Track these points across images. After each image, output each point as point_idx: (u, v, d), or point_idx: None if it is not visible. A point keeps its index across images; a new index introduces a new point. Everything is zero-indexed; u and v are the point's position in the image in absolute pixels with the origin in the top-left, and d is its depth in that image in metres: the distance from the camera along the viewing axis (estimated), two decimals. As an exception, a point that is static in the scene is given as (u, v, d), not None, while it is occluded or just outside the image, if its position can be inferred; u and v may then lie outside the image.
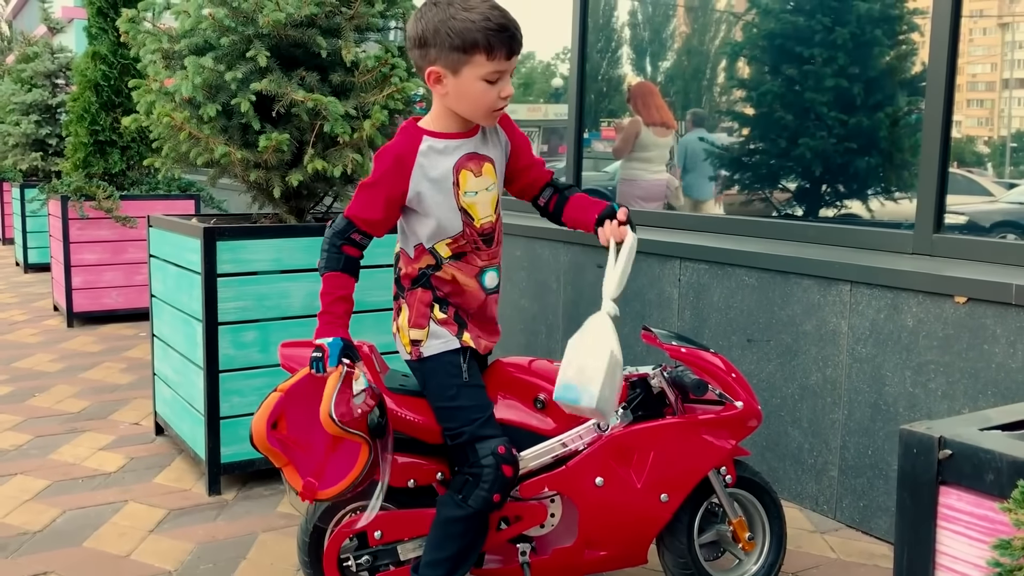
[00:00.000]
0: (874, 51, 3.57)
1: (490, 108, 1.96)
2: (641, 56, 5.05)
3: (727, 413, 2.21)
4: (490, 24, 1.85)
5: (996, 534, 0.98)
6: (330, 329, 1.95)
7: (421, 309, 2.05)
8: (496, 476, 1.95)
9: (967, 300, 2.57)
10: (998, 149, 3.50)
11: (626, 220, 2.04)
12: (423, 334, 2.05)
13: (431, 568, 2.00)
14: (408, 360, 2.09)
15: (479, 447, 1.97)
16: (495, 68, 1.89)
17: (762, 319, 3.16)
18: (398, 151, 2.00)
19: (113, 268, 5.98)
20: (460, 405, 2.03)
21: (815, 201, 3.82)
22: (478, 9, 1.87)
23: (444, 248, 2.03)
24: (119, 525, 2.83)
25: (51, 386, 4.42)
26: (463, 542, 2.00)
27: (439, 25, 1.87)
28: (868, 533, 2.85)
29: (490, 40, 1.86)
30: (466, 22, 1.85)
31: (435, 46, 1.89)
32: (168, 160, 3.32)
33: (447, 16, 1.86)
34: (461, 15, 1.86)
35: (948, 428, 1.08)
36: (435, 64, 1.91)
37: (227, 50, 3.06)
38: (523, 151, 2.16)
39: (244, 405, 3.09)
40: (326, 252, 2.01)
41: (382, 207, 2.00)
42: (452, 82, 1.92)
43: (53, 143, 8.04)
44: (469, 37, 1.85)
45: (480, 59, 1.88)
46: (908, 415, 2.73)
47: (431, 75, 1.93)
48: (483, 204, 2.04)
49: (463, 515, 1.97)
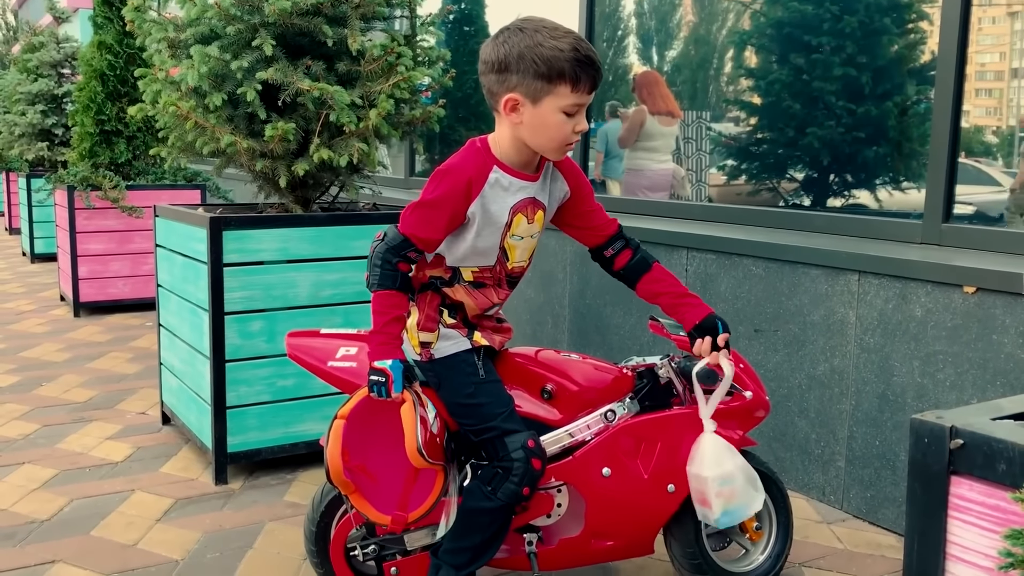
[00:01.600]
0: (883, 40, 3.55)
1: (564, 142, 1.91)
2: (647, 45, 5.03)
3: (735, 403, 2.20)
4: (579, 55, 1.82)
5: (1008, 524, 0.97)
6: (387, 350, 1.88)
7: (430, 313, 2.05)
8: (526, 469, 1.95)
9: (976, 290, 2.55)
10: (1007, 139, 3.48)
11: (726, 345, 2.08)
12: (433, 337, 2.05)
13: (453, 555, 2.01)
14: (417, 361, 2.08)
15: (508, 441, 1.97)
16: (576, 101, 1.85)
17: (769, 309, 3.14)
18: (471, 175, 1.92)
19: (119, 258, 5.99)
20: (480, 402, 2.02)
21: (823, 191, 3.80)
22: (567, 39, 1.83)
23: (468, 273, 2.03)
24: (126, 514, 2.84)
25: (58, 376, 4.44)
26: (488, 533, 2.00)
27: (525, 51, 1.82)
28: (875, 523, 2.84)
29: (577, 71, 1.82)
30: (555, 51, 1.81)
31: (518, 72, 1.83)
32: (174, 150, 3.31)
33: (535, 43, 1.82)
34: (550, 43, 1.81)
35: (959, 418, 1.07)
36: (514, 91, 1.86)
37: (233, 39, 3.05)
38: (587, 196, 2.13)
39: (251, 394, 3.09)
40: (379, 268, 1.91)
41: (443, 227, 1.94)
42: (530, 111, 1.87)
43: (59, 133, 8.04)
44: (557, 66, 1.81)
45: (564, 90, 1.83)
46: (916, 406, 2.72)
47: (508, 102, 1.87)
48: (523, 249, 2.05)
49: (491, 507, 1.97)
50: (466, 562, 2.00)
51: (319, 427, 3.14)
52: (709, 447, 2.07)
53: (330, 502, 2.15)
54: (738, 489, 2.05)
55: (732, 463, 2.06)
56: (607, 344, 3.82)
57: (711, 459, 2.06)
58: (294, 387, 3.13)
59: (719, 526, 2.10)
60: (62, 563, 2.51)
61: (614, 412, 2.15)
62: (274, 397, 3.13)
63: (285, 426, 3.15)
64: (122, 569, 2.48)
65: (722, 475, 2.04)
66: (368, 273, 1.95)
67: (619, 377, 2.19)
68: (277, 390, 3.13)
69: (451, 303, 2.06)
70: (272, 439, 3.14)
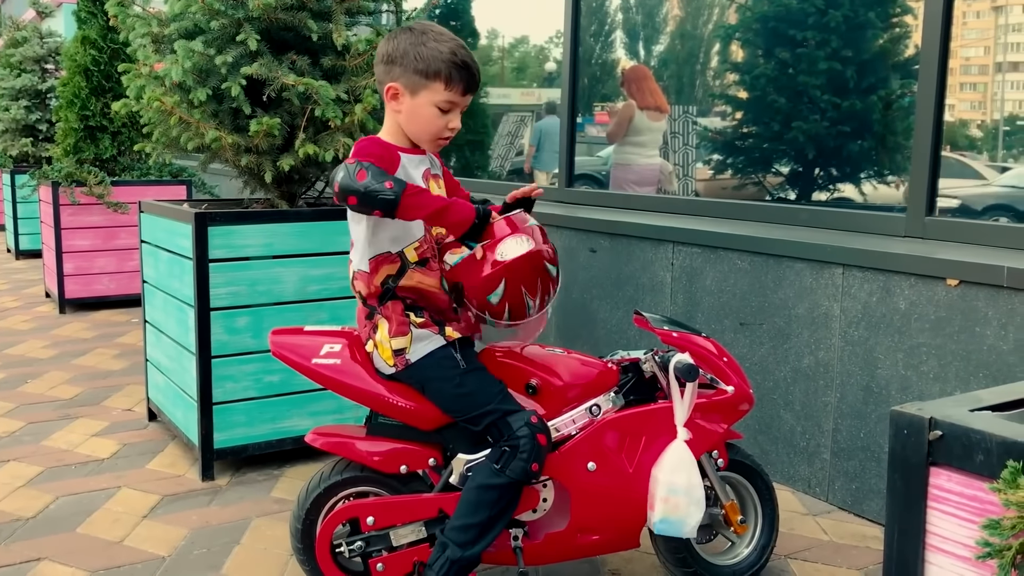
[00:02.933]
0: (867, 34, 3.56)
1: (436, 135, 2.10)
2: (634, 40, 5.03)
3: (718, 397, 2.21)
4: (456, 59, 2.04)
5: (986, 514, 0.98)
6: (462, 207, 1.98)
7: (399, 318, 2.08)
8: (533, 445, 1.99)
9: (959, 283, 2.57)
10: (991, 133, 3.50)
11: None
12: (406, 341, 2.07)
13: (459, 532, 2.02)
14: (393, 374, 2.10)
15: (511, 420, 2.02)
16: (449, 98, 2.06)
17: (755, 302, 3.16)
18: (384, 147, 2.04)
19: (105, 254, 5.96)
20: (470, 391, 2.05)
21: (808, 184, 3.82)
22: (448, 44, 2.05)
23: (412, 253, 2.08)
24: (112, 511, 2.83)
25: (43, 373, 4.41)
26: (495, 510, 2.02)
27: (409, 48, 2.04)
28: (860, 515, 2.86)
29: (452, 72, 2.04)
30: (435, 51, 2.04)
31: (401, 65, 2.05)
32: (159, 145, 3.30)
33: (420, 42, 2.04)
34: (432, 44, 2.04)
35: (938, 409, 1.08)
36: (396, 81, 2.06)
37: (217, 34, 3.03)
38: (448, 173, 2.29)
39: (237, 390, 3.08)
40: (370, 175, 1.87)
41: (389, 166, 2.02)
42: (408, 102, 2.07)
43: (43, 129, 7.99)
44: (434, 65, 2.03)
45: (438, 87, 2.04)
46: (900, 397, 2.73)
47: (389, 90, 2.08)
48: None
49: (499, 483, 2.00)
50: (472, 539, 2.01)
51: (305, 423, 3.14)
52: (674, 455, 2.10)
53: (316, 499, 2.15)
54: (681, 504, 2.08)
55: (687, 478, 2.08)
56: (594, 338, 3.83)
57: (670, 466, 2.10)
58: (280, 383, 3.13)
59: (655, 531, 2.12)
60: (48, 560, 2.50)
61: (599, 406, 2.16)
62: (260, 393, 3.12)
63: (272, 422, 3.15)
64: (108, 566, 2.48)
65: (673, 484, 2.08)
66: (363, 194, 1.87)
67: (604, 371, 2.20)
68: (263, 386, 3.12)
69: (413, 302, 2.09)
70: (259, 435, 3.14)
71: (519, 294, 2.01)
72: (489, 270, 1.99)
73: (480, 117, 6.47)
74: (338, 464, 2.17)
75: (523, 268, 2.00)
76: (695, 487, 2.09)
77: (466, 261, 2.01)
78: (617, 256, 3.70)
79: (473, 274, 2.01)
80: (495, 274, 1.99)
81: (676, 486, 2.08)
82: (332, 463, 2.19)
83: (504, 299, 2.01)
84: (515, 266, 1.99)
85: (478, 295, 2.02)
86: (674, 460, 2.10)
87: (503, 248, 2.00)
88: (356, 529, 2.12)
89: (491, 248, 2.00)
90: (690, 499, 2.08)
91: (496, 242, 2.00)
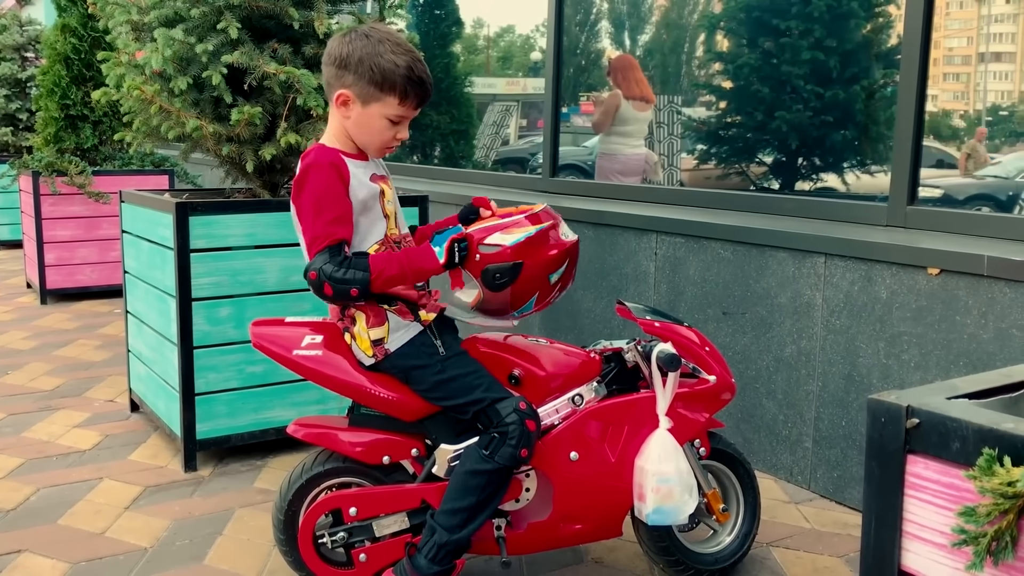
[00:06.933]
0: (850, 24, 3.57)
1: (384, 145, 2.08)
2: (620, 29, 5.03)
3: (700, 387, 2.22)
4: (412, 75, 2.00)
5: (962, 501, 0.99)
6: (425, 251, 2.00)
7: (375, 309, 2.07)
8: (522, 431, 2.00)
9: (940, 272, 2.58)
10: (973, 123, 3.51)
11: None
12: (384, 330, 2.07)
13: (448, 516, 2.03)
14: (373, 364, 2.09)
15: (500, 407, 2.02)
16: (401, 112, 2.03)
17: (737, 292, 3.16)
18: (328, 160, 2.00)
19: (86, 244, 5.91)
20: (452, 376, 2.05)
21: (791, 174, 3.83)
22: (405, 57, 2.00)
23: (375, 251, 2.06)
24: (94, 502, 2.82)
25: (25, 364, 4.38)
26: (482, 495, 2.02)
27: (365, 57, 1.98)
28: (842, 503, 2.88)
29: (407, 88, 2.00)
30: (392, 64, 1.98)
31: (355, 73, 1.99)
32: (139, 134, 3.27)
33: (376, 52, 1.99)
34: (389, 56, 1.98)
35: (916, 397, 1.08)
36: (348, 89, 2.01)
37: (197, 22, 3.01)
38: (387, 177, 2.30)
39: (219, 381, 3.07)
40: (342, 282, 1.94)
41: (349, 211, 2.00)
42: (358, 110, 2.02)
43: (23, 118, 7.90)
44: (390, 79, 1.98)
45: (392, 100, 2.01)
46: (881, 386, 2.75)
47: (340, 97, 2.02)
48: (394, 216, 2.14)
49: (488, 468, 2.01)
50: (460, 523, 2.02)
51: (288, 413, 3.12)
52: (658, 443, 2.11)
53: (298, 490, 2.14)
54: (675, 491, 2.08)
55: (675, 465, 2.09)
56: (578, 328, 3.83)
57: (656, 455, 2.10)
58: (263, 373, 3.12)
59: (648, 522, 2.12)
60: (29, 552, 2.48)
61: (582, 396, 2.16)
62: (243, 383, 3.11)
63: (254, 412, 3.14)
64: (90, 557, 2.46)
65: (662, 473, 2.08)
66: (338, 298, 1.98)
67: (586, 361, 2.20)
68: (246, 376, 3.11)
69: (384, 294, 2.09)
70: (241, 426, 3.13)
71: (572, 275, 2.13)
72: (557, 249, 2.06)
73: (465, 107, 6.45)
74: (320, 455, 2.17)
75: (576, 252, 2.12)
76: (685, 472, 2.10)
77: (532, 239, 2.03)
78: (601, 246, 3.70)
79: (541, 251, 2.04)
80: (562, 253, 2.07)
81: (666, 475, 2.08)
82: (315, 454, 2.18)
83: (560, 279, 2.09)
84: (575, 248, 2.10)
85: (541, 272, 2.04)
86: (660, 449, 2.10)
87: (565, 229, 2.11)
88: (339, 520, 2.12)
89: (554, 228, 2.07)
90: (683, 485, 2.09)
91: (556, 224, 2.08)
